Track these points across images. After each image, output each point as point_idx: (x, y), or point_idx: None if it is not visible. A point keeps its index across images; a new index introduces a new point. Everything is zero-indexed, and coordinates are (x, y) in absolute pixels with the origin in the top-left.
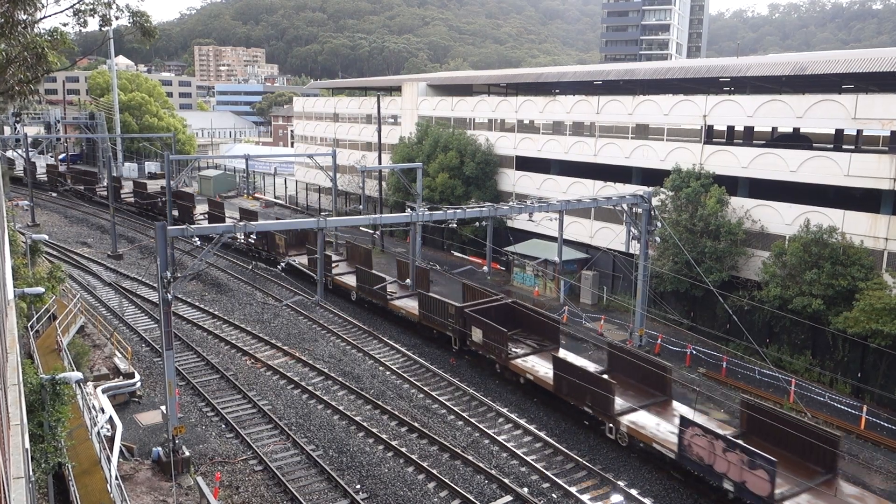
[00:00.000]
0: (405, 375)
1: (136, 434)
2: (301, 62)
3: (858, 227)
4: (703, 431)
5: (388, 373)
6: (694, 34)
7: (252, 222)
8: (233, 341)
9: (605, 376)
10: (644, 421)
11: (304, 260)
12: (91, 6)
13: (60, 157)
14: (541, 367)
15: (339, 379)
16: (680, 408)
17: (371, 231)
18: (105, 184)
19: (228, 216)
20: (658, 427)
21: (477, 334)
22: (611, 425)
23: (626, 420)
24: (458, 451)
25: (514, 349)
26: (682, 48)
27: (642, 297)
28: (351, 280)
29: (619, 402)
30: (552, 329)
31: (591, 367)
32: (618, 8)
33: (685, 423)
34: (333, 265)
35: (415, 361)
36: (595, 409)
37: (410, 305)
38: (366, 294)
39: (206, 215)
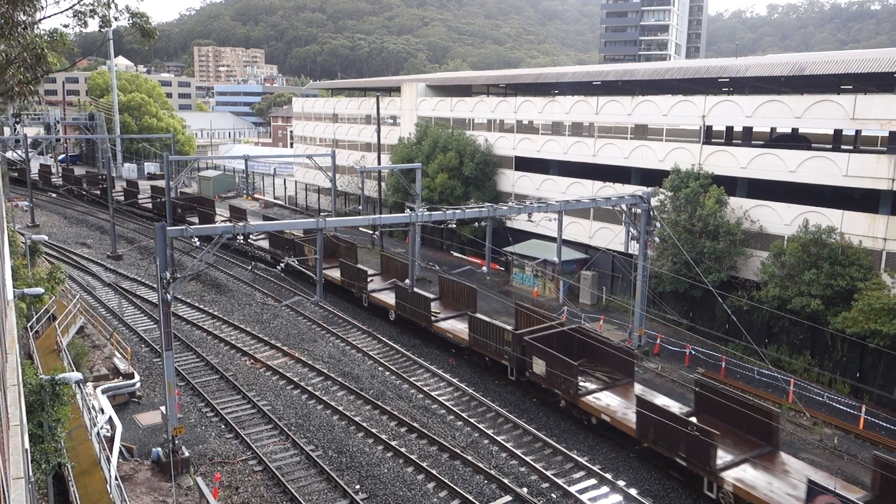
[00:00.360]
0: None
1: (136, 434)
2: (300, 63)
3: (857, 227)
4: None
5: (387, 373)
6: (693, 35)
7: (258, 222)
8: (232, 342)
9: (694, 419)
10: (753, 479)
11: (335, 273)
12: (91, 7)
13: (60, 157)
14: (616, 406)
15: (339, 379)
16: (793, 463)
17: (370, 231)
18: (119, 188)
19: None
20: (772, 488)
21: (539, 365)
22: (711, 482)
23: (730, 477)
24: (458, 451)
25: (583, 383)
26: (681, 49)
27: (641, 297)
28: (389, 298)
29: (721, 455)
30: (623, 361)
31: (675, 406)
32: (617, 8)
33: (815, 489)
34: (368, 280)
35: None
36: (691, 461)
37: (459, 328)
38: (407, 314)
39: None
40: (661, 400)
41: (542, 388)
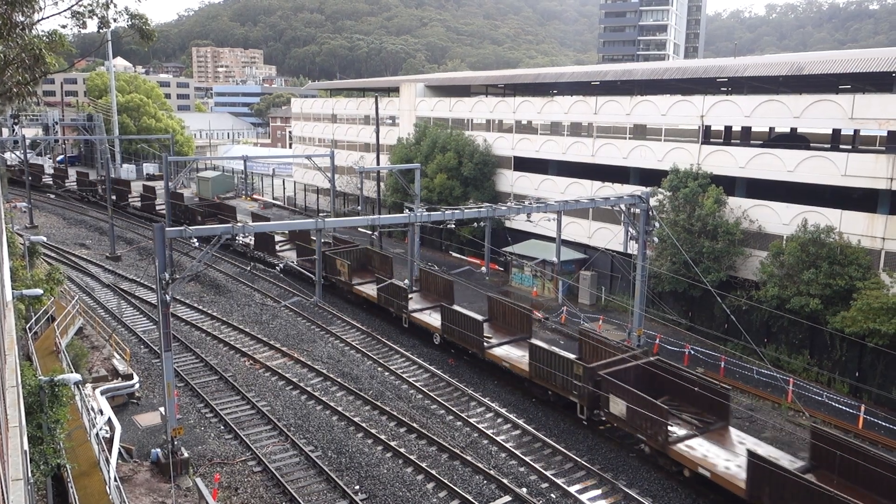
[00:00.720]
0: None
1: (135, 435)
2: (299, 63)
3: (856, 226)
4: None
5: (386, 373)
6: (691, 34)
7: (259, 223)
8: (231, 342)
9: (811, 476)
10: None
11: (371, 290)
12: (90, 8)
13: (59, 158)
14: (716, 457)
15: (338, 380)
16: None
17: (369, 232)
18: (136, 194)
19: (279, 240)
20: None
21: (617, 405)
22: None
23: None
24: (457, 452)
25: (670, 428)
26: (680, 49)
27: (640, 297)
28: (433, 319)
29: None
30: (714, 401)
31: (785, 459)
32: (615, 9)
33: None
34: (408, 298)
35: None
36: None
37: (516, 356)
38: (455, 338)
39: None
40: (766, 449)
41: (617, 428)
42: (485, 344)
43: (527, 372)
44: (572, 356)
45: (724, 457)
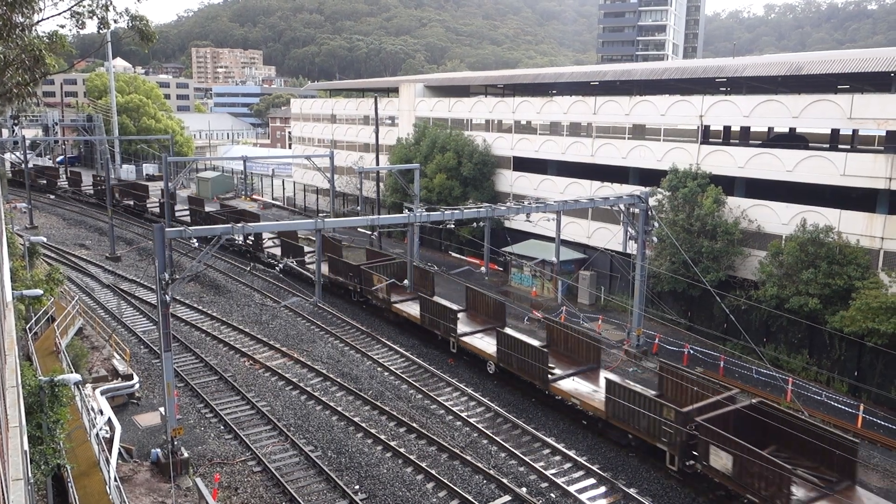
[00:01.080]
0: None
1: (135, 435)
2: (298, 64)
3: (854, 226)
4: None
5: (386, 374)
6: (690, 35)
7: (261, 223)
8: (231, 343)
9: None
10: None
11: (412, 309)
12: (89, 9)
13: (58, 159)
14: None
15: (338, 380)
16: None
17: (368, 232)
18: (156, 199)
19: (309, 250)
20: None
21: (720, 459)
22: None
23: None
24: (457, 452)
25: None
26: (679, 49)
27: (640, 296)
28: (486, 345)
29: None
30: (838, 456)
31: None
32: (614, 9)
33: None
34: (457, 323)
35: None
36: None
37: (587, 392)
38: (513, 367)
39: (276, 243)
40: None
41: (718, 483)
42: (549, 376)
43: (602, 412)
44: (649, 392)
45: None
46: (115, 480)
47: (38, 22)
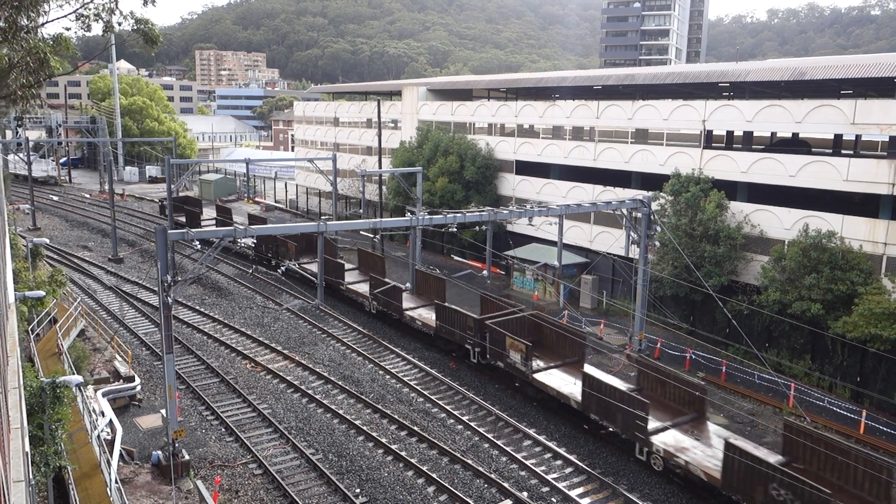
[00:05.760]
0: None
1: (136, 438)
2: (302, 67)
3: (857, 231)
4: None
5: (387, 377)
6: (693, 39)
7: (260, 225)
8: (233, 345)
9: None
10: None
11: (559, 382)
12: (95, 12)
13: (62, 161)
14: None
15: (339, 383)
16: None
17: (371, 235)
18: (209, 216)
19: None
20: None
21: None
22: None
23: None
24: (458, 455)
25: None
26: (682, 53)
27: (642, 301)
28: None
29: None
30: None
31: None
32: (617, 13)
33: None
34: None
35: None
36: None
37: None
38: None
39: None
40: None
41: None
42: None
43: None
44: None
45: None
46: (116, 482)
47: (43, 24)
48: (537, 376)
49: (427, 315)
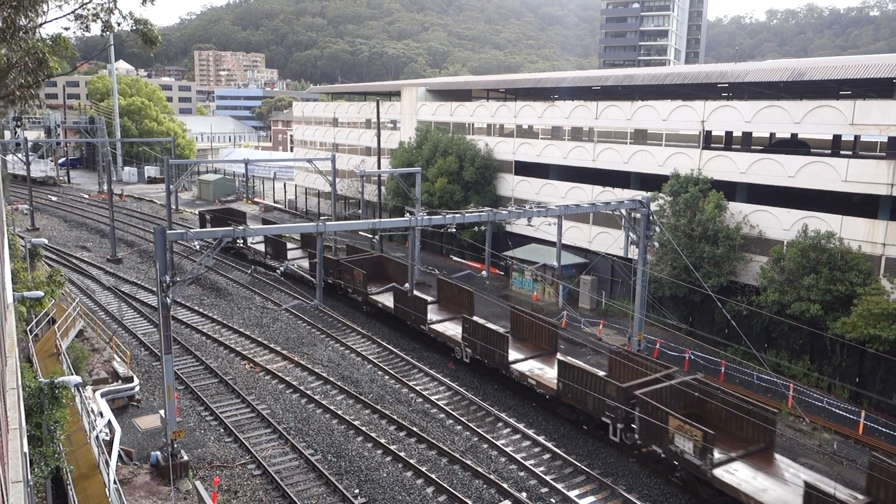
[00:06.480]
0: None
1: (135, 438)
2: (301, 67)
3: (856, 232)
4: None
5: (386, 377)
6: (692, 40)
7: (259, 226)
8: (232, 345)
9: None
10: None
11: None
12: (93, 12)
13: (60, 161)
14: None
15: (338, 383)
16: None
17: (369, 235)
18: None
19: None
20: None
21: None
22: None
23: None
24: (457, 456)
25: None
26: (681, 54)
27: (641, 301)
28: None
29: None
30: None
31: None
32: (616, 14)
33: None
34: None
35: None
36: None
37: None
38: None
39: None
40: None
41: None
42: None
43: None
44: None
45: None
46: (115, 483)
47: (42, 24)
48: (721, 475)
49: (540, 370)
